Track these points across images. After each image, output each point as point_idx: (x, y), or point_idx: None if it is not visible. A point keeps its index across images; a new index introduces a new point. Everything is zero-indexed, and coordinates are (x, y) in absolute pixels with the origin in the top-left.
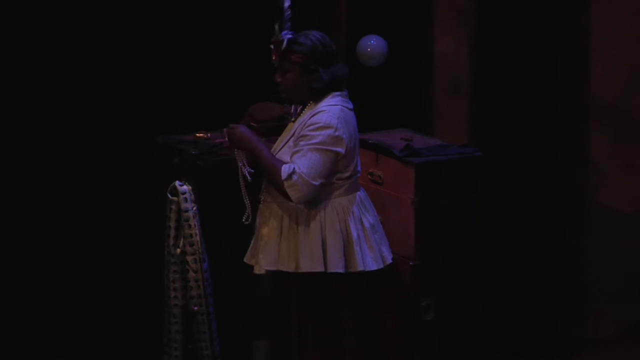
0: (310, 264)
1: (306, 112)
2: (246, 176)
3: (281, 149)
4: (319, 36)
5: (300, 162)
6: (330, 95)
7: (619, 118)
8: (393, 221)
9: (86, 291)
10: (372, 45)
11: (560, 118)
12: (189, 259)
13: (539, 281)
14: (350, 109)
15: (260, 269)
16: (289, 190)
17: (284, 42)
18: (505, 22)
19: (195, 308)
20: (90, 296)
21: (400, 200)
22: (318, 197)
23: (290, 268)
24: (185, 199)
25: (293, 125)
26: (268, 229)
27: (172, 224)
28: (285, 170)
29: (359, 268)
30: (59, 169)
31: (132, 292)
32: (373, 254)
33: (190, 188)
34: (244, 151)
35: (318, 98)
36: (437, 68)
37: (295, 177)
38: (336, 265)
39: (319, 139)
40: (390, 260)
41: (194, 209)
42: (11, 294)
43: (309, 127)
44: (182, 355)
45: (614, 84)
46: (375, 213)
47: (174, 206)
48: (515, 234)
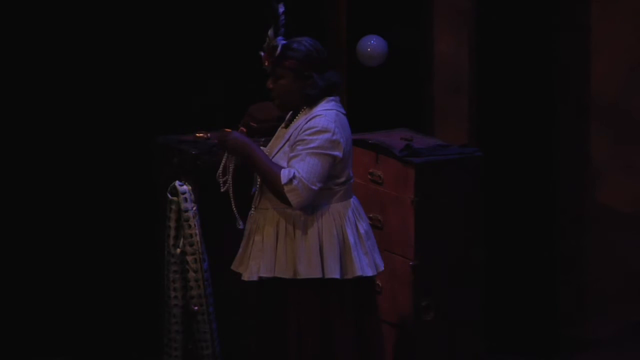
0: (308, 270)
1: (300, 118)
2: (229, 183)
3: (276, 154)
4: (312, 42)
5: (299, 167)
6: (324, 101)
7: (619, 118)
8: (393, 221)
9: (86, 291)
10: (372, 45)
11: (560, 118)
12: (189, 259)
13: (539, 281)
14: (344, 114)
15: (250, 275)
16: (289, 195)
17: (279, 48)
18: (505, 22)
19: (195, 308)
20: (90, 296)
21: (400, 200)
22: (315, 202)
23: (288, 275)
24: (185, 199)
25: (286, 131)
26: (263, 235)
27: (172, 224)
28: (285, 175)
29: (357, 273)
30: (59, 169)
31: (132, 292)
32: (368, 259)
33: (190, 188)
34: (239, 157)
35: (312, 104)
36: (437, 68)
37: (295, 182)
38: (333, 271)
39: (316, 143)
40: (382, 268)
41: (194, 209)
42: (11, 294)
43: (306, 132)
44: (182, 355)
45: (614, 84)
46: (367, 220)
47: (174, 206)
48: (515, 234)
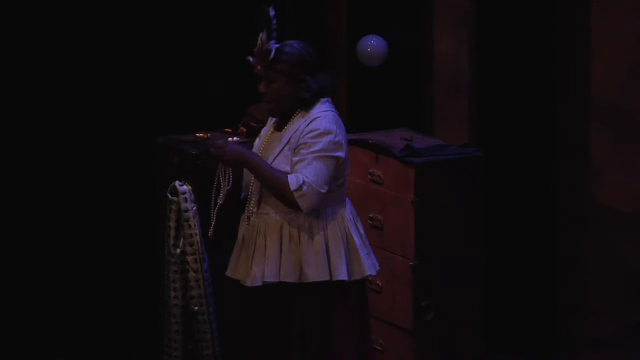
0: (316, 272)
1: (296, 121)
2: (222, 193)
3: (276, 158)
4: (303, 45)
5: (306, 172)
6: (319, 102)
7: (619, 118)
8: (393, 221)
9: (86, 291)
10: (372, 45)
11: (560, 118)
12: (189, 259)
13: (539, 281)
14: (338, 114)
15: (254, 281)
16: (300, 201)
17: (272, 52)
18: (505, 22)
19: (196, 308)
20: (90, 296)
21: (400, 200)
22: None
23: (293, 279)
24: (185, 199)
25: (281, 134)
26: (265, 240)
27: (172, 224)
28: (293, 180)
29: (366, 274)
30: (59, 169)
31: (132, 292)
32: (370, 260)
33: (190, 188)
34: (238, 167)
35: (307, 106)
36: (437, 68)
37: (305, 188)
38: (341, 273)
39: (320, 145)
40: (378, 267)
41: (194, 209)
42: (11, 294)
43: (309, 135)
44: (182, 355)
45: (614, 84)
46: None
47: (174, 206)
48: (515, 233)
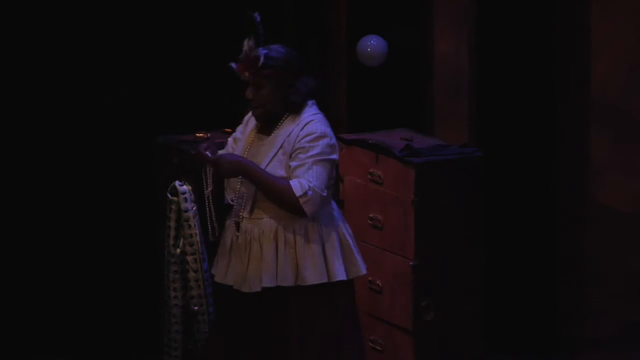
0: (314, 275)
1: (286, 125)
2: (209, 197)
3: (269, 163)
4: (288, 49)
5: (308, 176)
6: (307, 105)
7: (619, 118)
8: (393, 221)
9: (86, 291)
10: (372, 45)
11: (560, 118)
12: (189, 259)
13: (539, 281)
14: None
15: (252, 286)
16: (305, 206)
17: (261, 58)
18: (505, 22)
19: (196, 308)
20: (90, 296)
21: (400, 200)
22: None
23: (291, 282)
24: (185, 199)
25: (270, 138)
26: (261, 245)
27: (172, 224)
28: (297, 186)
29: (361, 272)
30: (59, 169)
31: (132, 292)
32: (361, 257)
33: (190, 188)
34: (235, 176)
35: (297, 110)
36: (437, 68)
37: (310, 193)
38: (340, 273)
39: (319, 149)
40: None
41: (194, 209)
42: (11, 294)
43: (305, 139)
44: (182, 355)
45: (614, 84)
46: None
47: (174, 206)
48: (515, 233)
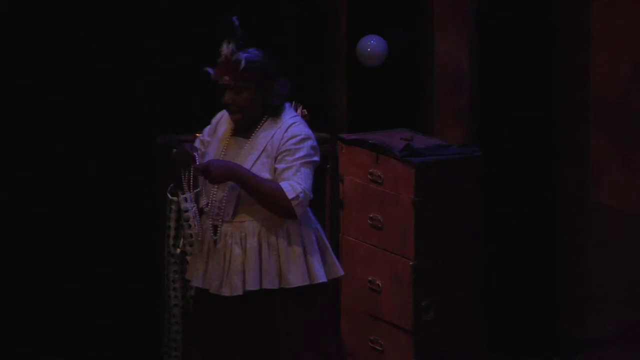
0: (297, 277)
1: (267, 127)
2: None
3: (253, 166)
4: (265, 53)
5: (297, 179)
6: (285, 108)
7: (619, 118)
8: (393, 221)
9: (86, 291)
10: (372, 45)
11: (560, 118)
12: (189, 259)
13: (539, 281)
14: None
15: (234, 290)
16: (297, 208)
17: (243, 62)
18: (505, 22)
19: None
20: (90, 296)
21: (400, 200)
22: None
23: (275, 285)
24: (185, 199)
25: (250, 141)
26: (244, 248)
27: (172, 224)
28: (289, 189)
29: (339, 273)
30: (59, 169)
31: (132, 292)
32: (336, 257)
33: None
34: (225, 181)
35: (276, 113)
36: (437, 68)
37: (302, 195)
38: (321, 275)
39: (304, 151)
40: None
41: (194, 209)
42: (11, 294)
43: (291, 141)
44: (182, 355)
45: (614, 84)
46: None
47: (174, 206)
48: (515, 234)
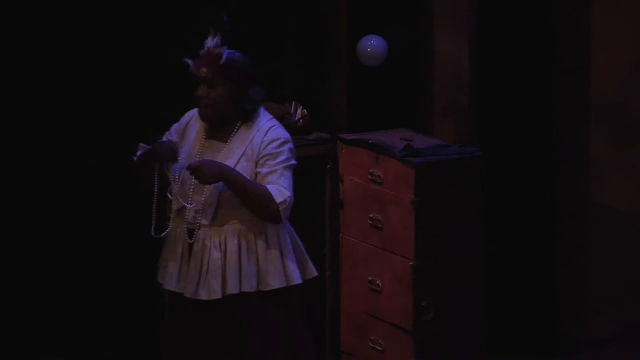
0: (275, 279)
1: (243, 131)
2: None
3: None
4: (247, 56)
5: (282, 183)
6: (260, 112)
7: (619, 118)
8: (393, 221)
9: (86, 291)
10: (372, 45)
11: (560, 118)
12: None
13: (539, 281)
14: None
15: (213, 294)
16: (283, 212)
17: (224, 56)
18: (505, 22)
19: None
20: (90, 296)
21: (400, 200)
22: None
23: (254, 288)
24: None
25: (229, 145)
26: (224, 251)
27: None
28: (277, 193)
29: (313, 274)
30: (58, 169)
31: (132, 292)
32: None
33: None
34: (215, 182)
35: (249, 117)
36: (437, 68)
37: (289, 200)
38: (296, 277)
39: (285, 155)
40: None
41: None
42: (11, 294)
43: (271, 145)
44: None
45: (614, 84)
46: None
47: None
48: (515, 234)
